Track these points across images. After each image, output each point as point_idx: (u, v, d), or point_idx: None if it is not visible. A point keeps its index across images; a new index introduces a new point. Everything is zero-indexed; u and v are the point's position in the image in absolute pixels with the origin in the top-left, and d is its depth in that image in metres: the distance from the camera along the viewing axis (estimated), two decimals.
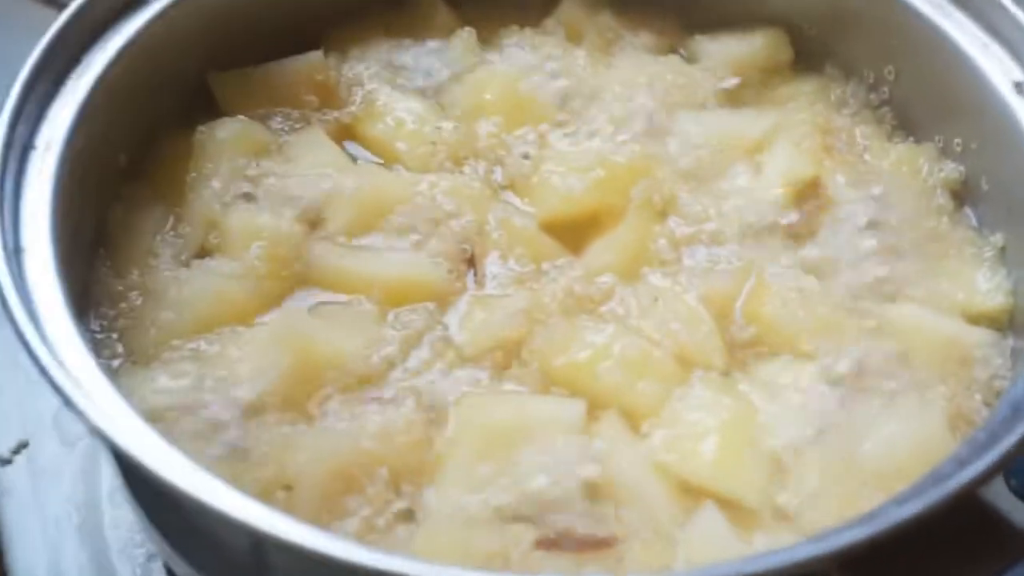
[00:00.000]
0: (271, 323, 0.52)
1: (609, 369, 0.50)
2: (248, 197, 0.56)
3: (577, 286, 0.54)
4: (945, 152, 0.59)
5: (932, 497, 0.39)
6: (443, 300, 0.53)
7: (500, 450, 0.48)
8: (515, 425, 0.48)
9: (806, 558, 0.38)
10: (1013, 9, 0.55)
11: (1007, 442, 0.41)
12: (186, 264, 0.54)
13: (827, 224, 0.57)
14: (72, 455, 0.62)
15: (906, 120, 0.61)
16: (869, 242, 0.56)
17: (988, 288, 0.54)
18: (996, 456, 0.40)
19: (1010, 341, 0.52)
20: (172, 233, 0.56)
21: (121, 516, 0.60)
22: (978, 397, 0.51)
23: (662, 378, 0.50)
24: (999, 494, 0.49)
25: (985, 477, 0.40)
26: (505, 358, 0.52)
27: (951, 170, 0.58)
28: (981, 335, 0.52)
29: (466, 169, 0.59)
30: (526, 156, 0.58)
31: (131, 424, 0.42)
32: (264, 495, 0.43)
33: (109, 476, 0.61)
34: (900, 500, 0.39)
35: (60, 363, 0.42)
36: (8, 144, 0.49)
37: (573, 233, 0.56)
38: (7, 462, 0.62)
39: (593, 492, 0.47)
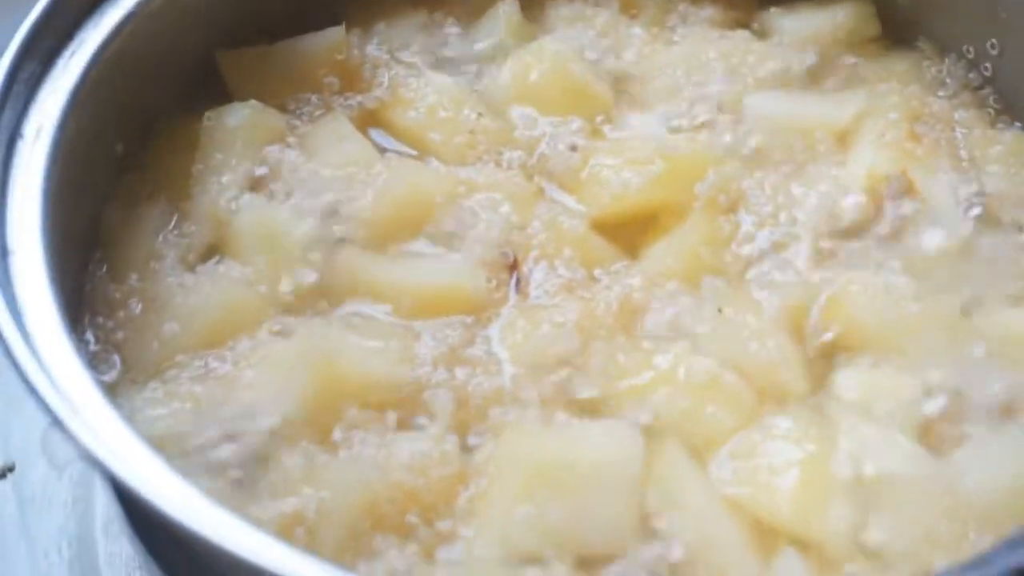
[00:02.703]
0: (290, 339, 0.52)
1: (672, 396, 0.50)
2: (262, 193, 0.57)
3: (636, 295, 0.53)
4: None
5: None
6: (482, 312, 0.53)
7: (547, 489, 0.47)
8: (564, 462, 0.48)
9: None
10: None
11: None
12: (192, 268, 0.54)
13: (917, 224, 0.56)
14: (62, 481, 0.62)
15: (1013, 103, 0.61)
16: (964, 243, 0.56)
17: None
18: None
19: None
20: (176, 232, 0.56)
21: (117, 550, 0.60)
22: None
23: (734, 406, 0.50)
24: None
25: None
26: (554, 379, 0.51)
27: None
28: None
29: (507, 162, 0.59)
30: (574, 148, 0.58)
31: (129, 450, 0.41)
32: (283, 532, 0.43)
33: (104, 505, 0.61)
34: (1014, 543, 0.39)
35: (49, 378, 0.42)
36: None
37: (629, 234, 0.57)
38: None
39: (651, 538, 0.47)
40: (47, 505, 0.62)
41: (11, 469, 0.63)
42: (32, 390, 0.41)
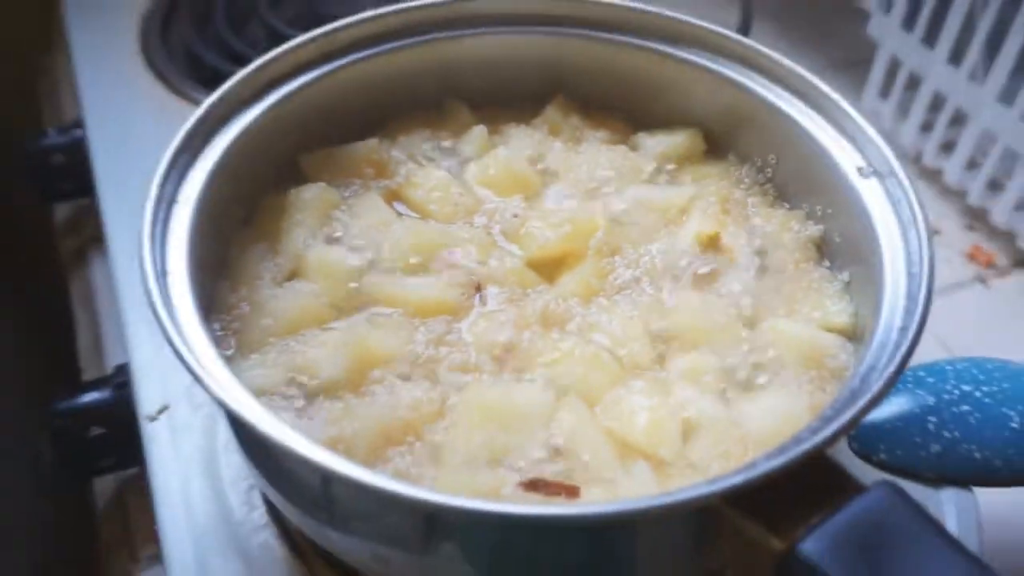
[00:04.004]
0: (338, 329, 0.52)
1: (571, 366, 0.50)
2: (324, 239, 0.56)
3: (551, 306, 0.53)
4: (810, 216, 0.59)
5: (792, 454, 0.40)
6: (458, 313, 0.53)
7: (492, 423, 0.47)
8: (503, 405, 0.48)
9: (701, 495, 0.39)
10: (854, 114, 0.55)
11: (845, 416, 0.41)
12: (280, 285, 0.54)
13: (724, 266, 0.57)
14: (198, 416, 0.62)
15: (783, 193, 0.60)
16: (755, 277, 0.56)
17: (837, 310, 0.54)
18: (837, 426, 0.41)
19: (851, 346, 0.52)
20: (271, 264, 0.55)
21: (231, 459, 0.60)
22: (829, 387, 0.51)
23: (608, 373, 0.50)
24: (843, 451, 0.50)
25: (831, 440, 0.41)
26: (501, 356, 0.51)
27: (814, 229, 0.58)
28: (833, 340, 0.52)
29: (476, 222, 0.58)
30: (516, 215, 0.58)
31: (239, 394, 0.42)
32: (329, 447, 0.43)
33: (224, 431, 0.61)
34: (770, 456, 0.40)
35: (192, 352, 0.43)
36: (159, 199, 0.49)
37: (549, 269, 0.56)
38: (154, 419, 0.63)
39: (558, 454, 0.47)
40: (188, 431, 0.61)
41: (166, 409, 0.63)
42: (181, 359, 0.42)
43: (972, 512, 0.56)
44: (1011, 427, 0.56)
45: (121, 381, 0.66)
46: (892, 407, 0.57)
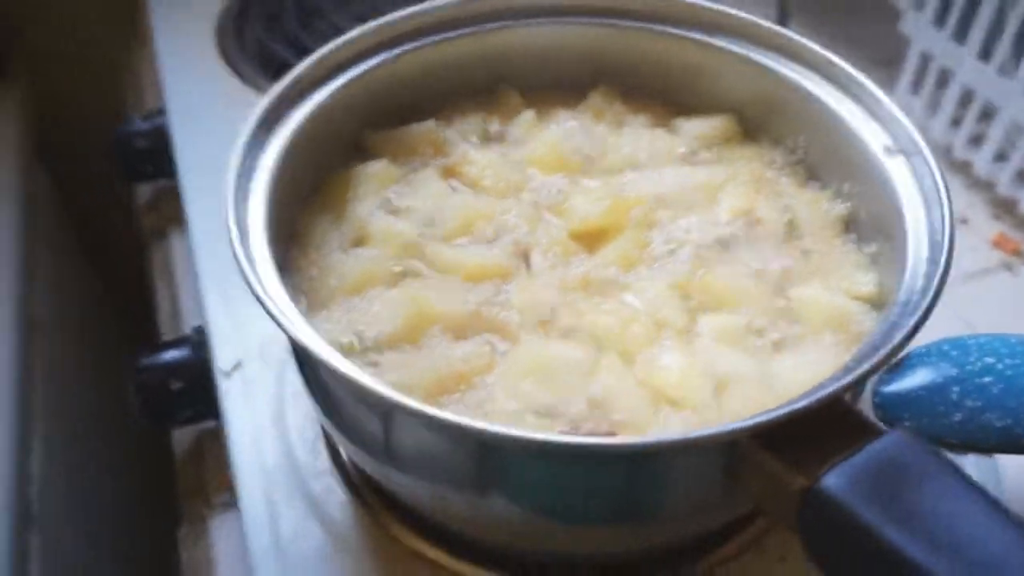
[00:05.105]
0: (398, 289, 0.54)
1: (609, 327, 0.52)
2: (386, 210, 0.59)
3: (592, 273, 0.56)
4: (838, 194, 0.60)
5: (814, 397, 0.42)
6: (506, 278, 0.56)
7: (537, 375, 0.50)
8: (546, 360, 0.50)
9: (728, 430, 0.41)
10: (881, 96, 0.57)
11: (865, 365, 0.44)
12: (346, 251, 0.57)
13: (756, 238, 0.58)
14: (269, 372, 0.66)
15: (813, 173, 0.62)
16: (785, 249, 0.57)
17: (863, 280, 0.55)
18: (856, 373, 0.43)
19: (876, 314, 0.53)
20: (337, 232, 0.58)
21: (299, 411, 0.64)
22: (854, 349, 0.51)
23: (645, 332, 0.52)
24: (864, 401, 0.50)
25: (851, 386, 0.43)
26: (546, 316, 0.53)
27: (842, 206, 0.60)
28: (859, 307, 0.54)
29: (523, 197, 0.60)
30: (560, 191, 0.60)
31: (312, 340, 0.45)
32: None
33: (292, 383, 0.64)
34: (794, 401, 0.42)
35: (275, 306, 0.46)
36: (240, 168, 0.52)
37: (590, 240, 0.58)
38: (228, 375, 0.66)
39: (597, 406, 0.49)
40: (261, 385, 0.65)
41: (239, 365, 0.66)
42: (267, 311, 0.44)
43: (993, 475, 0.57)
44: None
45: (198, 341, 0.69)
46: (917, 378, 0.57)
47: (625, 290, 0.55)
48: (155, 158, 0.88)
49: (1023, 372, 0.58)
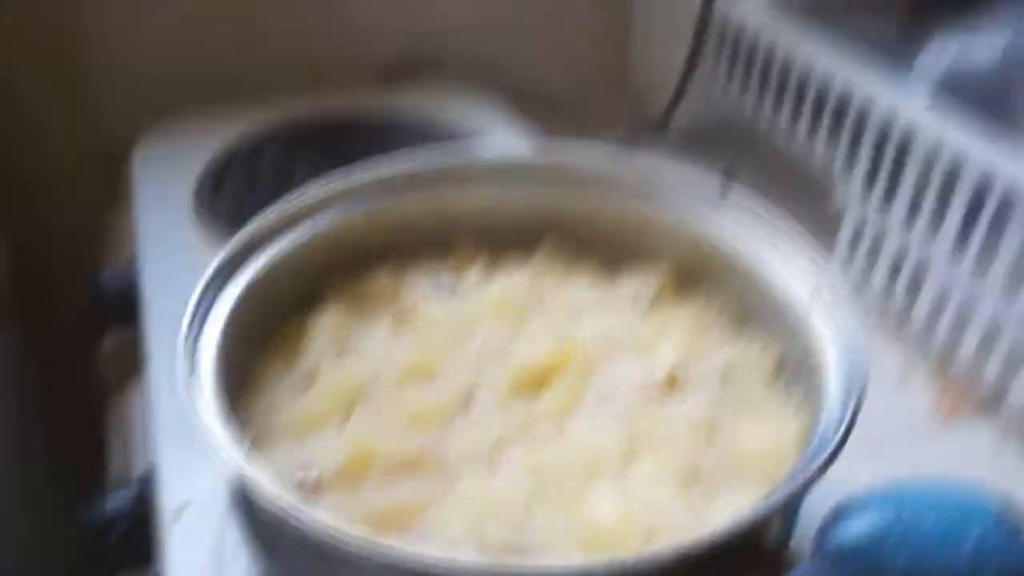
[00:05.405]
0: (343, 430, 0.56)
1: (548, 466, 0.54)
2: (336, 354, 0.61)
3: (532, 415, 0.58)
4: (768, 343, 0.63)
5: (714, 534, 0.44)
6: (449, 419, 0.58)
7: (478, 510, 0.51)
8: (485, 498, 0.52)
9: (633, 564, 0.41)
10: (807, 250, 0.61)
11: (764, 506, 0.46)
12: (294, 393, 0.59)
13: (695, 384, 0.61)
14: (212, 519, 0.63)
15: (745, 324, 0.65)
16: (719, 395, 0.60)
17: (790, 426, 0.57)
18: (756, 514, 0.46)
19: (798, 448, 0.55)
20: (288, 374, 0.60)
21: (239, 563, 0.60)
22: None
23: (582, 473, 0.54)
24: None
25: (751, 526, 0.45)
26: (487, 455, 0.55)
27: (771, 355, 0.63)
28: (785, 449, 0.55)
29: (470, 344, 0.63)
30: (505, 338, 0.63)
31: (253, 475, 0.46)
32: None
33: (234, 532, 0.61)
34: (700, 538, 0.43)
35: (220, 442, 0.47)
36: (196, 313, 0.55)
37: (532, 384, 0.60)
38: (173, 521, 0.64)
39: (532, 543, 0.49)
40: (202, 534, 0.63)
41: (186, 506, 0.64)
42: (211, 447, 0.47)
43: None
44: (965, 551, 0.58)
45: (144, 485, 0.69)
46: (857, 525, 0.58)
47: (564, 432, 0.57)
48: (123, 310, 0.90)
49: (953, 523, 0.59)
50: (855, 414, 0.49)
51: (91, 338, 0.98)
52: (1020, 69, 0.86)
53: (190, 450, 0.65)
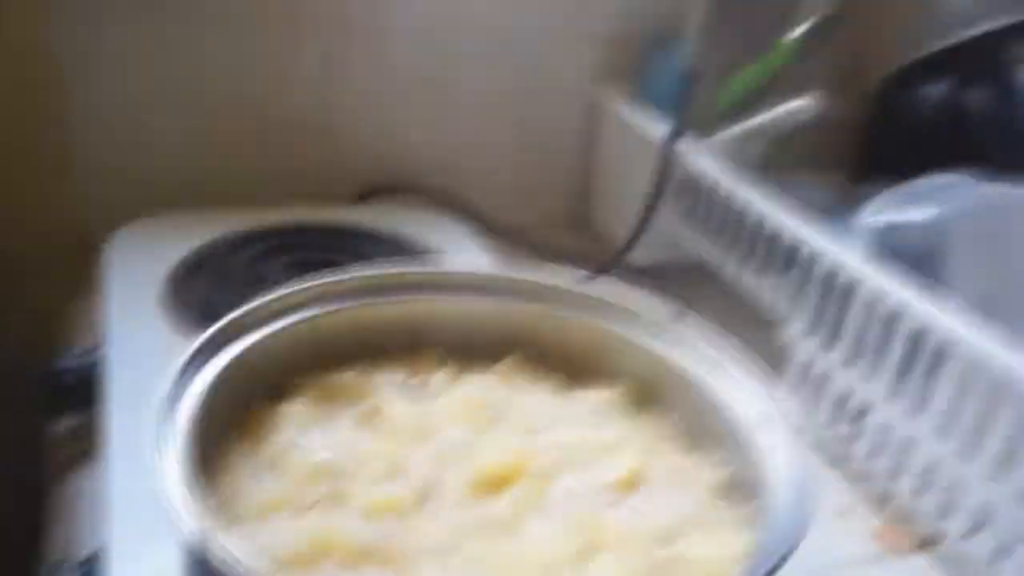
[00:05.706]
0: (302, 519, 0.57)
1: (503, 564, 0.55)
2: (299, 445, 0.62)
3: (489, 515, 0.59)
4: (717, 460, 0.66)
5: None
6: (406, 515, 0.59)
7: None
8: None
9: None
10: (751, 374, 0.64)
11: None
12: (257, 479, 0.60)
13: (648, 496, 0.63)
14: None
15: (696, 442, 0.68)
16: (670, 508, 0.61)
17: (737, 540, 0.59)
18: None
19: (744, 562, 0.57)
20: (253, 461, 0.61)
21: None
22: None
23: (537, 572, 0.55)
24: None
25: None
26: (443, 552, 0.56)
27: (721, 473, 0.65)
28: (731, 566, 0.57)
29: (431, 445, 0.65)
30: (466, 443, 0.65)
31: (215, 548, 0.47)
32: None
33: None
34: None
35: (190, 526, 0.48)
36: (167, 399, 0.57)
37: (490, 487, 0.62)
38: None
39: None
40: None
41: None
42: (175, 525, 0.47)
43: None
44: None
45: (89, 568, 0.68)
46: None
47: (519, 532, 0.58)
48: (80, 393, 0.90)
49: None
50: (798, 535, 0.51)
51: (40, 422, 0.97)
52: (946, 236, 0.94)
53: (143, 533, 0.67)
